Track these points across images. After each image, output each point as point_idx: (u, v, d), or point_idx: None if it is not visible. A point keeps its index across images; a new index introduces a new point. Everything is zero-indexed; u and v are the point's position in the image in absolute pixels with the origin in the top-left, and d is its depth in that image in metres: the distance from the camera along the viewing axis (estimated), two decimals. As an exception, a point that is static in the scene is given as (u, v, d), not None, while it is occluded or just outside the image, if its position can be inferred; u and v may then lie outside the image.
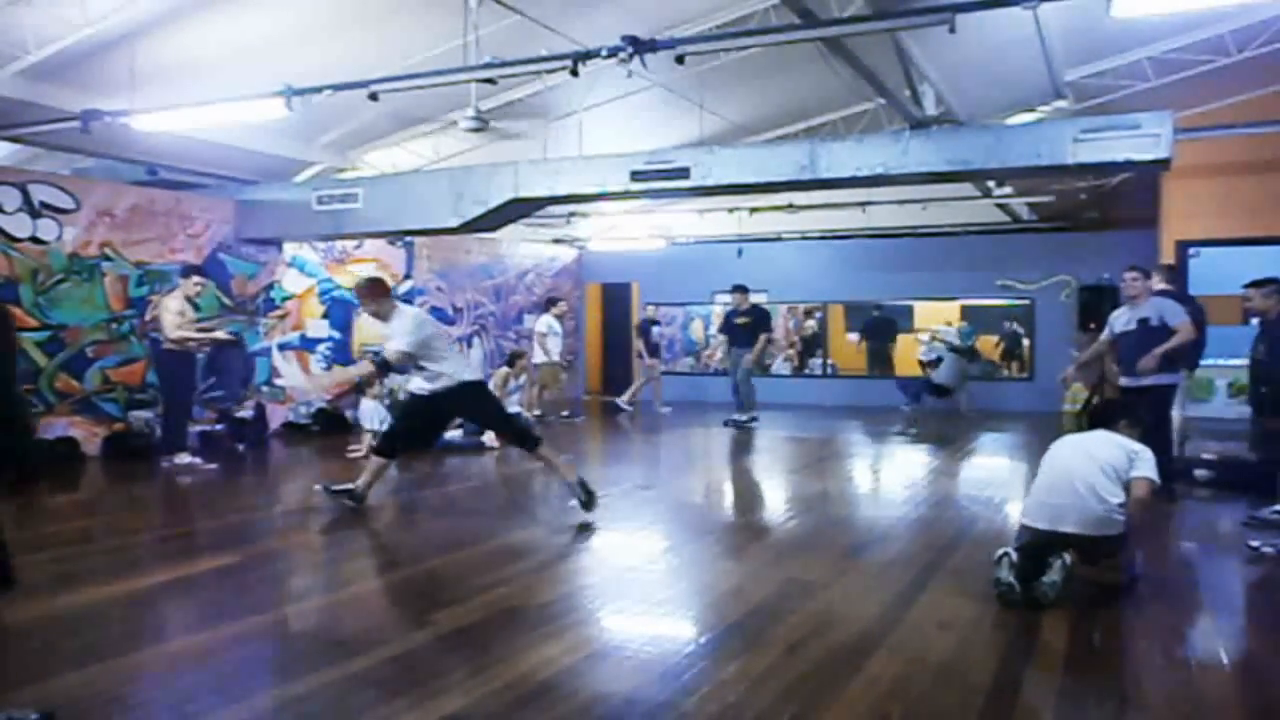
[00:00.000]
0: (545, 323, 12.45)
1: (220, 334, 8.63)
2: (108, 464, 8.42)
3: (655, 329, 13.67)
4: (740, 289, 11.87)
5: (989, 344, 14.82)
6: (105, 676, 3.30)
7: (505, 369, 10.42)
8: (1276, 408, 5.96)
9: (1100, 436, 4.47)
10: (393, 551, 5.29)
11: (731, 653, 3.55)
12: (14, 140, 8.90)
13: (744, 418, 11.42)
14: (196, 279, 8.43)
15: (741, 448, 10.13)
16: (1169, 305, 6.44)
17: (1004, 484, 7.79)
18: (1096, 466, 4.25)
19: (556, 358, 12.34)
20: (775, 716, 2.97)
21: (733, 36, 6.74)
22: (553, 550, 5.30)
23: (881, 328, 14.08)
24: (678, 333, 15.70)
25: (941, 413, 12.52)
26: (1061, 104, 9.22)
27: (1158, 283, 6.88)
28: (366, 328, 11.89)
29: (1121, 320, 6.65)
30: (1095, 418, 4.80)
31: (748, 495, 7.75)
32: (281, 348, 10.80)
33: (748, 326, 11.65)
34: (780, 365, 15.16)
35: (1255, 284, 6.14)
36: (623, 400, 13.51)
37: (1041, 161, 6.98)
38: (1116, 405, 5.31)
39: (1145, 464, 4.26)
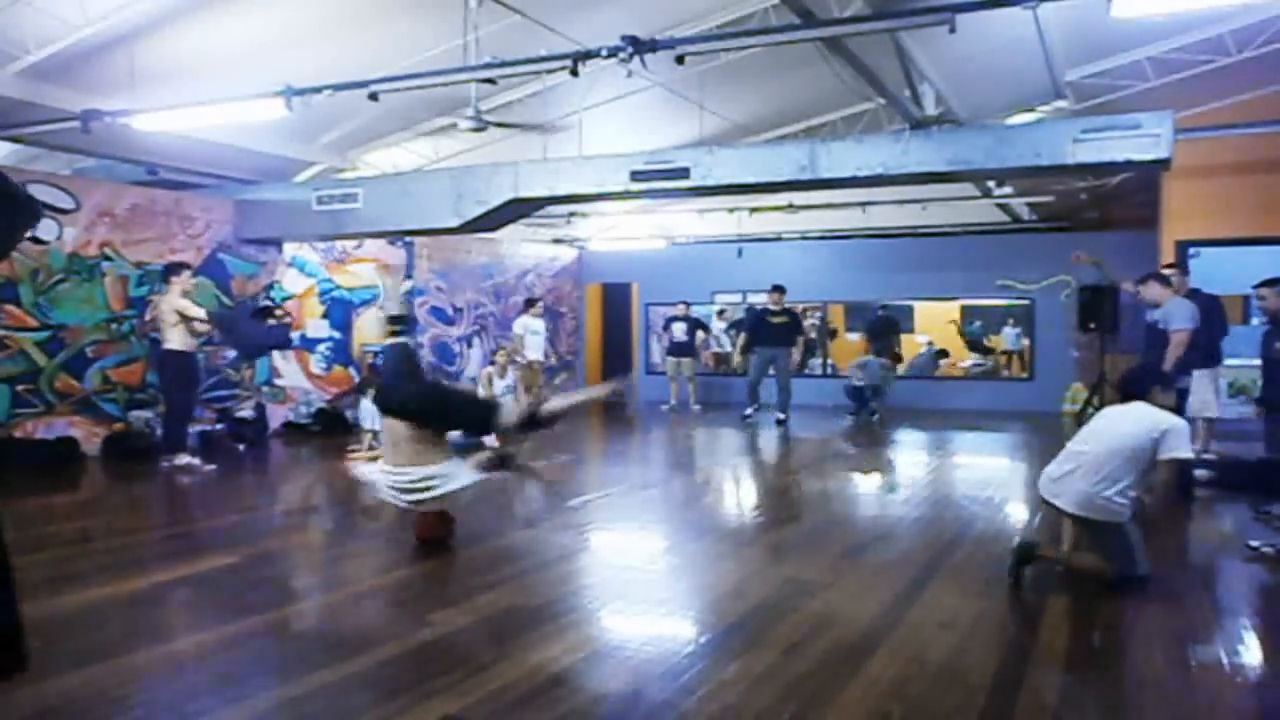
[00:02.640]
0: (522, 323, 12.46)
1: (203, 312, 8.28)
2: (108, 464, 8.42)
3: (679, 325, 13.61)
4: (778, 288, 12.05)
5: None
6: (105, 676, 3.30)
7: (489, 368, 10.43)
8: None
9: (1133, 414, 4.37)
10: (392, 552, 5.29)
11: (731, 653, 3.55)
12: (14, 140, 8.89)
13: (783, 415, 11.69)
14: (186, 274, 8.26)
15: (741, 447, 10.13)
16: (1175, 310, 6.52)
17: (1003, 484, 7.79)
18: (1113, 448, 4.22)
19: (535, 358, 12.32)
20: (775, 716, 2.97)
21: (733, 36, 6.74)
22: (553, 550, 5.30)
23: (885, 327, 14.13)
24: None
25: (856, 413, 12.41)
26: (1061, 104, 9.22)
27: (1182, 286, 7.00)
28: (366, 328, 11.90)
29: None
30: (1127, 387, 4.62)
31: (748, 495, 7.74)
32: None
33: (783, 327, 11.86)
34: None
35: (1267, 283, 6.20)
36: (665, 407, 13.75)
37: (1041, 161, 6.98)
38: (1147, 371, 4.99)
39: (1175, 441, 4.16)
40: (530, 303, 12.86)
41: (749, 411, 11.88)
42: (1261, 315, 6.80)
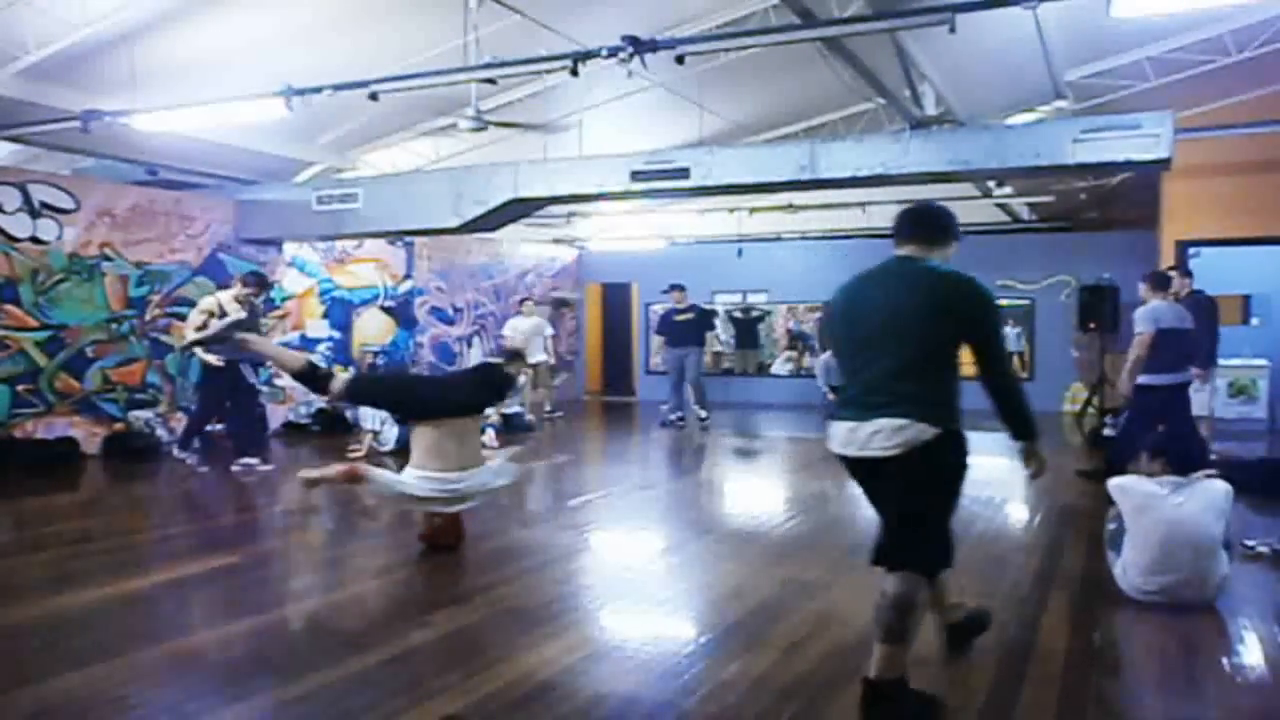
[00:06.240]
0: (511, 325, 12.37)
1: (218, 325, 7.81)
2: (108, 464, 8.42)
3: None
4: (677, 287, 11.74)
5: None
6: (105, 676, 3.30)
7: None
8: None
9: (1196, 510, 4.07)
10: (392, 551, 5.29)
11: (731, 653, 3.55)
12: (14, 140, 8.89)
13: (704, 414, 11.40)
14: (242, 288, 8.01)
15: (740, 449, 10.13)
16: (1139, 312, 6.61)
17: (1003, 484, 7.78)
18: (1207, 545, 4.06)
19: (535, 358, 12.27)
20: (775, 716, 2.97)
21: (733, 36, 6.73)
22: (553, 550, 5.30)
23: None
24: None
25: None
26: (1061, 104, 9.21)
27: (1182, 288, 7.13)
28: (365, 328, 11.90)
29: None
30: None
31: (747, 495, 7.74)
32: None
33: (689, 325, 11.58)
34: (780, 365, 15.18)
35: None
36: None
37: (1041, 161, 6.99)
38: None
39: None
40: (559, 304, 12.96)
41: (672, 417, 11.53)
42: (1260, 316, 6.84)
